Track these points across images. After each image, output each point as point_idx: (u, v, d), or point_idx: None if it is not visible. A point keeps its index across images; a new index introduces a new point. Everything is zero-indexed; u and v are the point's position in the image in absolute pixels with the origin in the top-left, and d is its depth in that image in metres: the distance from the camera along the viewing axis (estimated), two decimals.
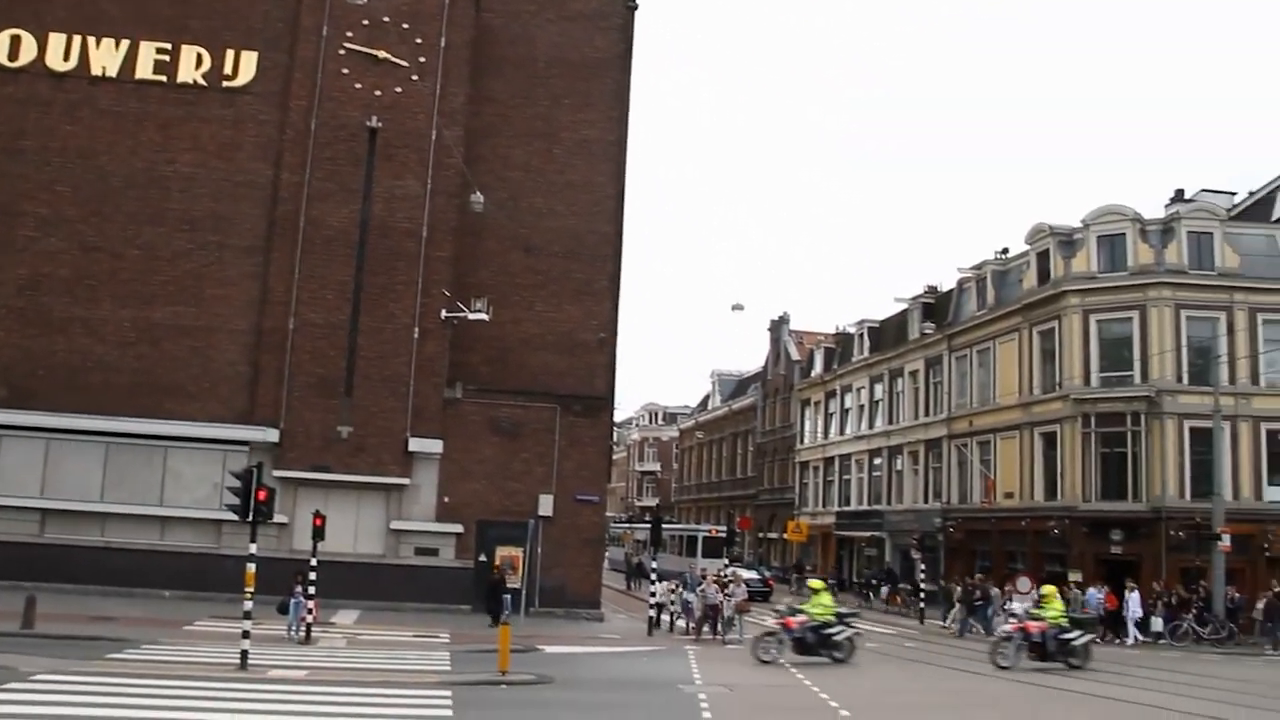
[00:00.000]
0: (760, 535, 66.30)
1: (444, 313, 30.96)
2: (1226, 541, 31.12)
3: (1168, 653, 28.91)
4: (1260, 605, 30.95)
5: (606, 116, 34.51)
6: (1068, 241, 37.75)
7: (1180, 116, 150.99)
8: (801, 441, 61.20)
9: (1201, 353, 34.95)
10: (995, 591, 33.95)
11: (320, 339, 30.44)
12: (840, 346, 58.98)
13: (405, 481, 30.54)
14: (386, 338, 30.68)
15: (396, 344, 30.67)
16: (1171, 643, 30.69)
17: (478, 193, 30.15)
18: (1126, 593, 31.93)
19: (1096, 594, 32.20)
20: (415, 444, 30.45)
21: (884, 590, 43.53)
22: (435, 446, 30.73)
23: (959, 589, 34.72)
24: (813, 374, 60.57)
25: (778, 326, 68.51)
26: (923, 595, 37.33)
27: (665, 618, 31.12)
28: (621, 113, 34.82)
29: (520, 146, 33.75)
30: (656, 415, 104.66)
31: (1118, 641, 31.04)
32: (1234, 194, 42.33)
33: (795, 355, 64.84)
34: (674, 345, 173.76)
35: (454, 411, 31.45)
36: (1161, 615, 31.54)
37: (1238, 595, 31.87)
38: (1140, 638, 31.19)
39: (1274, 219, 38.00)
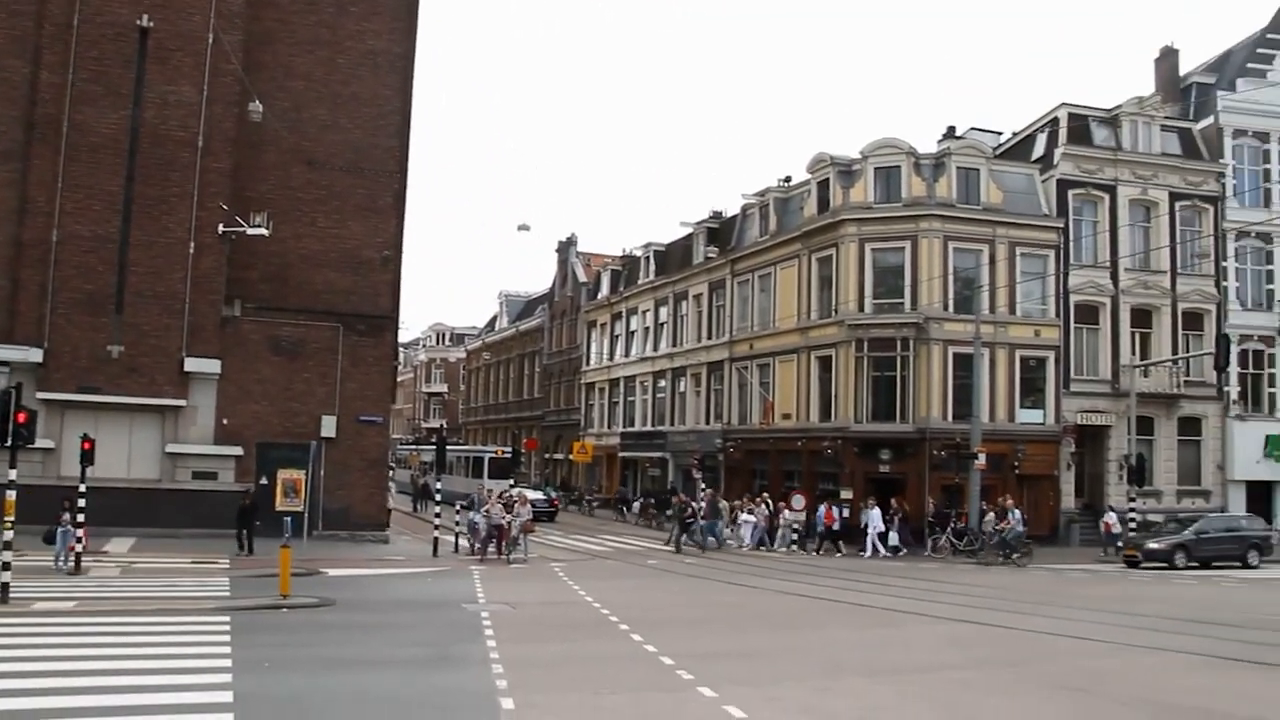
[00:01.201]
0: (547, 456, 68.45)
1: (221, 227, 30.88)
2: (982, 460, 34.79)
3: (925, 564, 32.54)
4: (989, 518, 35.09)
5: (393, 27, 34.67)
6: (847, 172, 40.66)
7: (956, 56, 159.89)
8: (588, 363, 63.33)
9: (966, 283, 38.54)
10: (723, 504, 38.07)
11: (88, 252, 29.91)
12: (626, 269, 61.03)
13: (181, 403, 30.59)
14: (160, 252, 30.41)
15: (171, 259, 30.46)
16: (930, 554, 34.59)
17: (256, 102, 30.09)
18: (866, 509, 35.44)
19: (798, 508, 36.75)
20: (192, 364, 30.50)
21: (635, 506, 47.67)
22: (213, 366, 30.87)
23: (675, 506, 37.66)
24: (599, 296, 62.57)
25: (565, 248, 70.02)
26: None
27: (450, 538, 32.61)
28: (409, 24, 35.02)
29: (303, 55, 33.58)
30: (444, 336, 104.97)
31: (862, 554, 34.41)
32: (1000, 134, 46.37)
33: (582, 277, 66.59)
34: (462, 265, 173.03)
35: (233, 330, 31.62)
36: (898, 530, 35.22)
37: (991, 510, 35.95)
38: (882, 551, 34.53)
39: (1034, 159, 42.01)
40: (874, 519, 34.95)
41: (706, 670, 12.95)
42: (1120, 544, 34.43)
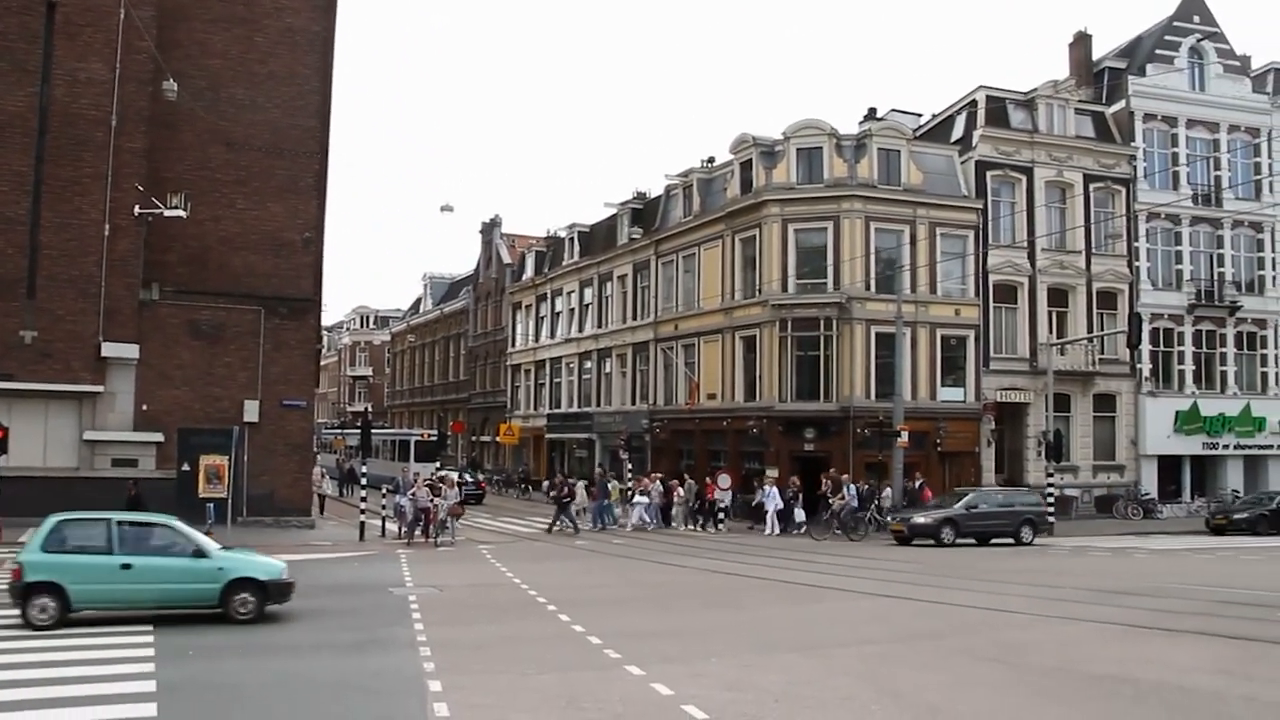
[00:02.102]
0: (474, 439, 68.22)
1: (137, 209, 30.18)
2: (905, 438, 35.41)
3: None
4: (885, 493, 35.85)
5: (312, 4, 34.08)
6: (769, 153, 40.93)
7: (877, 38, 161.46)
8: (513, 345, 63.13)
9: (888, 263, 39.08)
10: (614, 485, 38.50)
11: None
12: (551, 250, 60.86)
13: (99, 389, 29.96)
14: (73, 235, 29.69)
15: (85, 242, 29.75)
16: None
17: (171, 80, 29.39)
18: (767, 485, 35.66)
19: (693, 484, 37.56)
20: (109, 349, 29.87)
21: (545, 485, 48.42)
22: (131, 351, 30.28)
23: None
24: (524, 277, 62.35)
25: (489, 229, 69.62)
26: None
27: (377, 523, 32.45)
28: (329, 1, 34.55)
29: (219, 33, 32.94)
30: (368, 319, 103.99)
31: (762, 531, 34.74)
32: (920, 115, 47.00)
33: (507, 258, 66.32)
34: (385, 247, 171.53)
35: (151, 314, 31.03)
36: (801, 507, 35.53)
37: (915, 484, 36.60)
38: (779, 529, 34.63)
39: (953, 140, 42.64)
40: (773, 496, 34.99)
41: (634, 649, 13.05)
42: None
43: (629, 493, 38.32)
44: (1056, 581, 21.30)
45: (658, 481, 37.78)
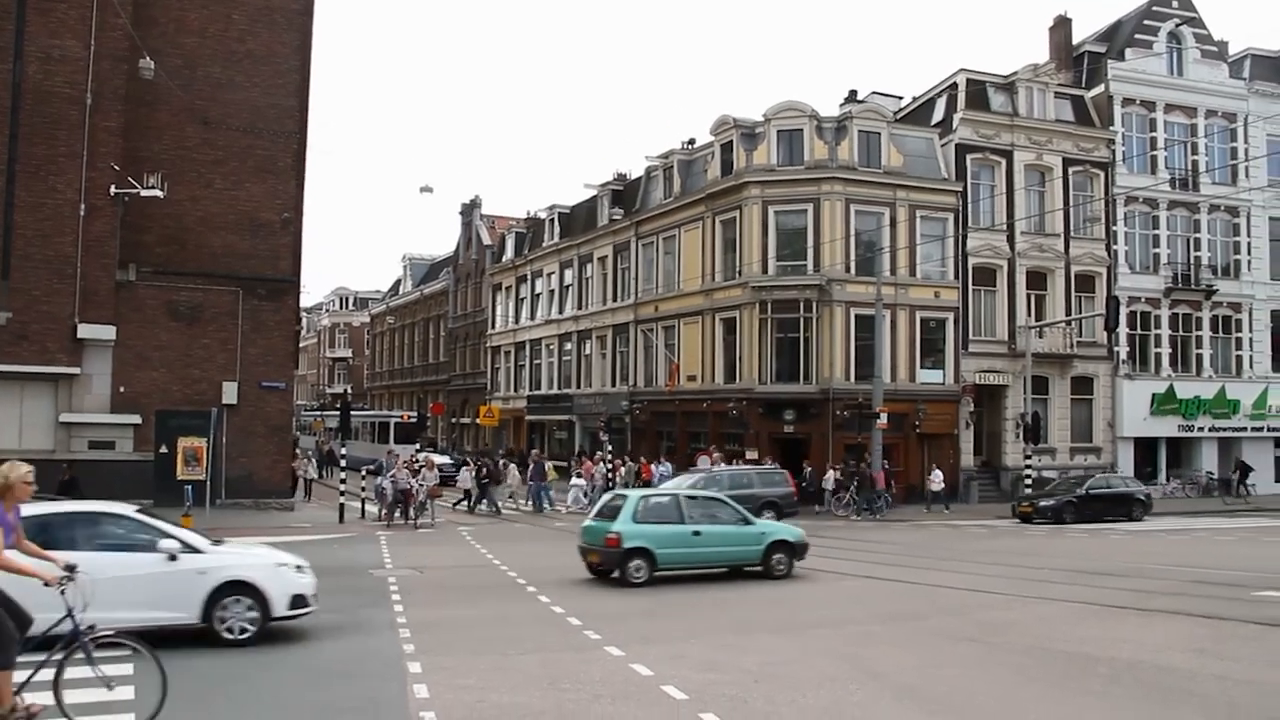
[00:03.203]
0: (454, 420, 68.15)
1: (113, 188, 29.93)
2: (884, 420, 35.61)
3: (826, 520, 33.17)
4: (830, 476, 36.11)
5: None
6: (750, 134, 40.91)
7: (858, 20, 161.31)
8: (493, 326, 63.03)
9: (867, 245, 39.17)
10: (549, 465, 38.47)
11: None
12: (531, 231, 60.74)
13: (75, 371, 29.73)
14: (48, 214, 29.39)
15: (60, 221, 29.46)
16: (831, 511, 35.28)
17: (147, 58, 29.17)
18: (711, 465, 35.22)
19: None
20: (85, 330, 29.64)
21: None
22: (108, 333, 30.05)
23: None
24: (504, 259, 62.22)
25: (469, 210, 69.41)
26: None
27: (356, 504, 32.44)
28: None
29: (195, 10, 32.61)
30: (347, 300, 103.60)
31: None
32: (900, 98, 47.04)
33: (487, 239, 66.16)
34: (364, 228, 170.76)
35: (128, 295, 30.80)
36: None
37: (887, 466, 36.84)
38: None
39: (933, 123, 42.70)
40: None
41: (613, 630, 13.08)
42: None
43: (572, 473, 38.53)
44: (1033, 562, 21.45)
45: (601, 464, 37.87)
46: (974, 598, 16.49)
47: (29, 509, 9.61)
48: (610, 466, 38.09)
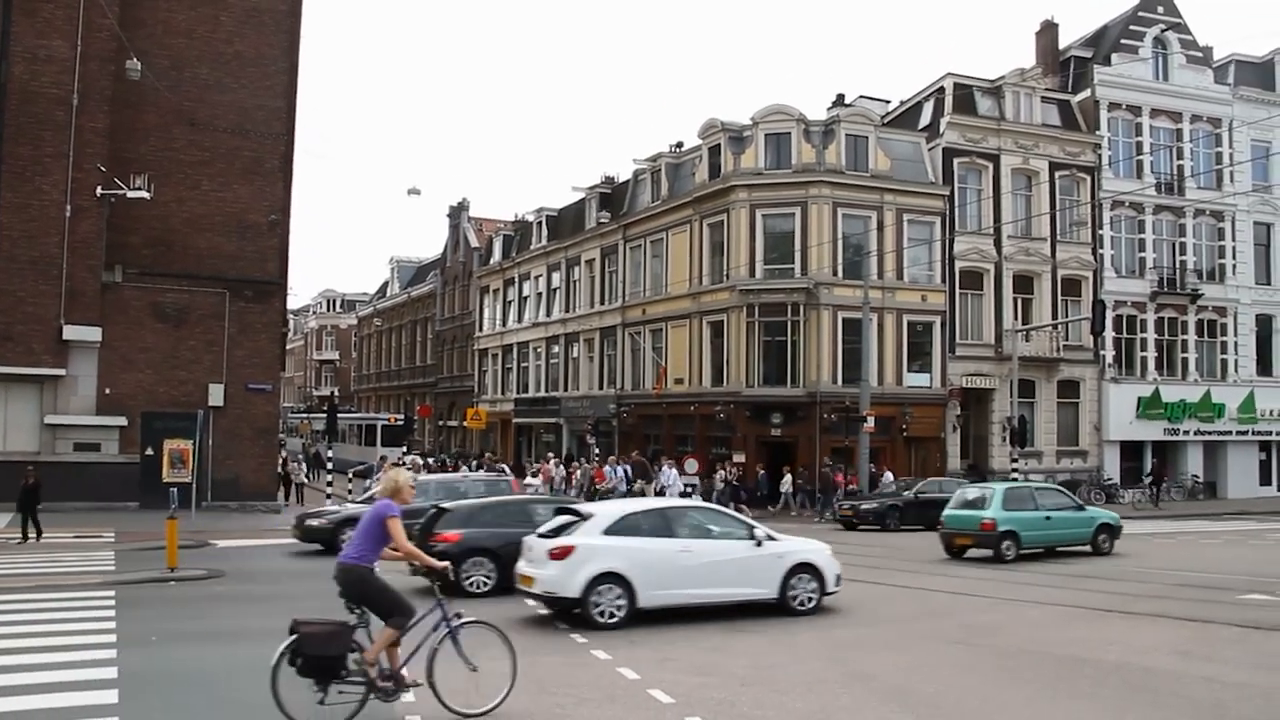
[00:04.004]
0: (441, 423, 68.01)
1: (100, 190, 29.95)
2: (871, 423, 35.61)
3: (814, 525, 33.08)
4: (787, 480, 36.23)
5: None
6: (738, 138, 40.90)
7: (846, 25, 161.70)
8: (480, 329, 62.92)
9: (855, 249, 39.14)
10: (504, 468, 37.56)
11: None
12: (519, 234, 60.59)
13: (61, 372, 29.69)
14: (34, 215, 29.37)
15: (46, 222, 29.44)
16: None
17: (134, 59, 29.13)
18: (665, 467, 34.88)
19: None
20: (71, 332, 29.59)
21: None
22: (94, 334, 30.00)
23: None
24: (492, 261, 62.10)
25: (457, 213, 69.28)
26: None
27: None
28: None
29: (183, 11, 32.70)
30: (335, 302, 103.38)
31: None
32: (888, 102, 47.11)
33: (474, 242, 66.04)
34: (352, 231, 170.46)
35: (114, 297, 30.74)
36: (701, 491, 35.64)
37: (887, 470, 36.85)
38: None
39: (920, 127, 42.77)
40: (671, 479, 34.02)
41: (601, 634, 13.02)
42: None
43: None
44: (1016, 565, 21.49)
45: (559, 466, 37.68)
46: (960, 600, 16.49)
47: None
48: (567, 470, 37.85)
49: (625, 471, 35.62)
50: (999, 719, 9.50)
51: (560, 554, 13.71)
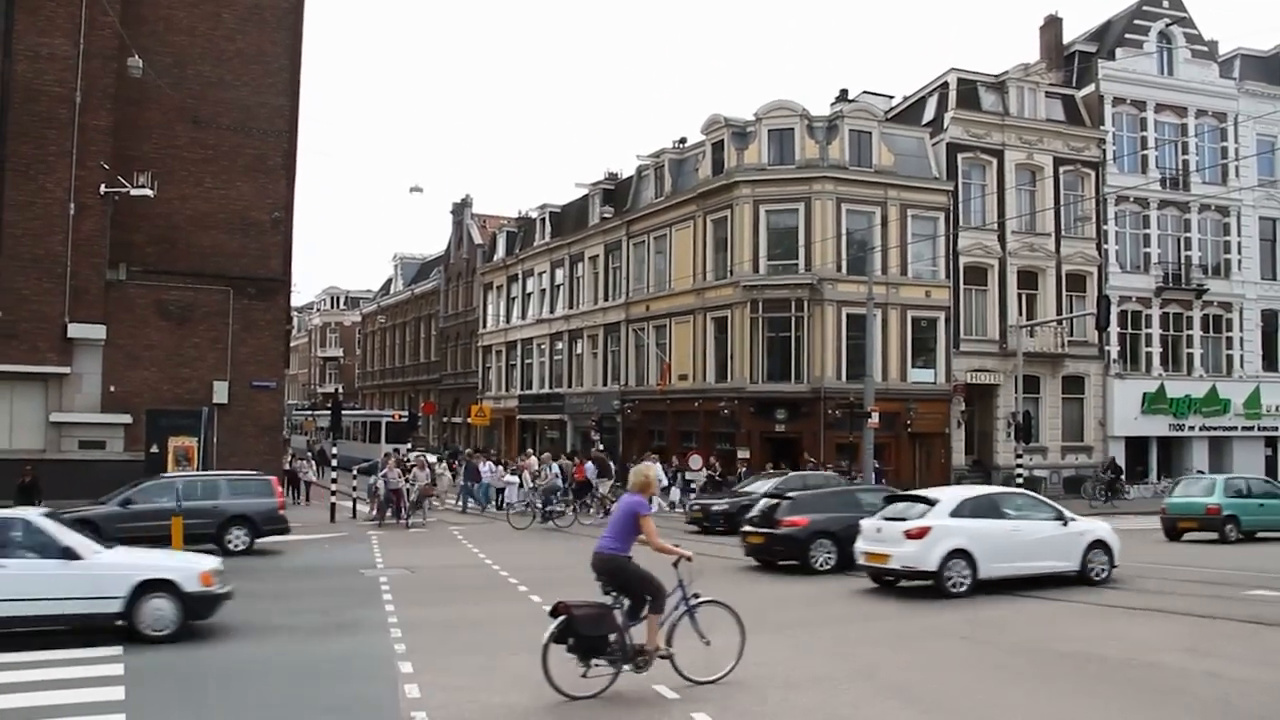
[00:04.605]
0: (445, 420, 68.05)
1: (103, 187, 29.88)
2: (875, 419, 35.51)
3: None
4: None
5: None
6: (741, 134, 40.89)
7: (849, 19, 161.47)
8: (484, 325, 62.97)
9: (859, 244, 39.16)
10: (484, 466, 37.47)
11: None
12: (522, 231, 60.62)
13: (65, 370, 29.67)
14: (38, 213, 29.36)
15: (50, 221, 29.43)
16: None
17: (136, 57, 29.04)
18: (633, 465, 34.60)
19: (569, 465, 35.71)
20: (75, 329, 29.59)
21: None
22: (98, 332, 30.00)
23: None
24: (495, 258, 62.16)
25: (460, 209, 69.33)
26: None
27: (348, 504, 32.35)
28: None
29: (185, 9, 32.59)
30: (338, 299, 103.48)
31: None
32: (891, 97, 47.06)
33: (478, 239, 66.07)
34: (355, 228, 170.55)
35: (118, 294, 30.76)
36: (679, 487, 35.76)
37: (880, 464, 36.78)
38: (663, 505, 33.85)
39: (924, 122, 42.73)
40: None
41: None
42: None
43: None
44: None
45: (535, 461, 37.37)
46: (966, 595, 16.48)
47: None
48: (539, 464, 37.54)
49: (561, 469, 34.00)
50: (1003, 715, 9.52)
51: (917, 534, 16.18)
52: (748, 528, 20.81)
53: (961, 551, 16.06)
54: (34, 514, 13.14)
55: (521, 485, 34.06)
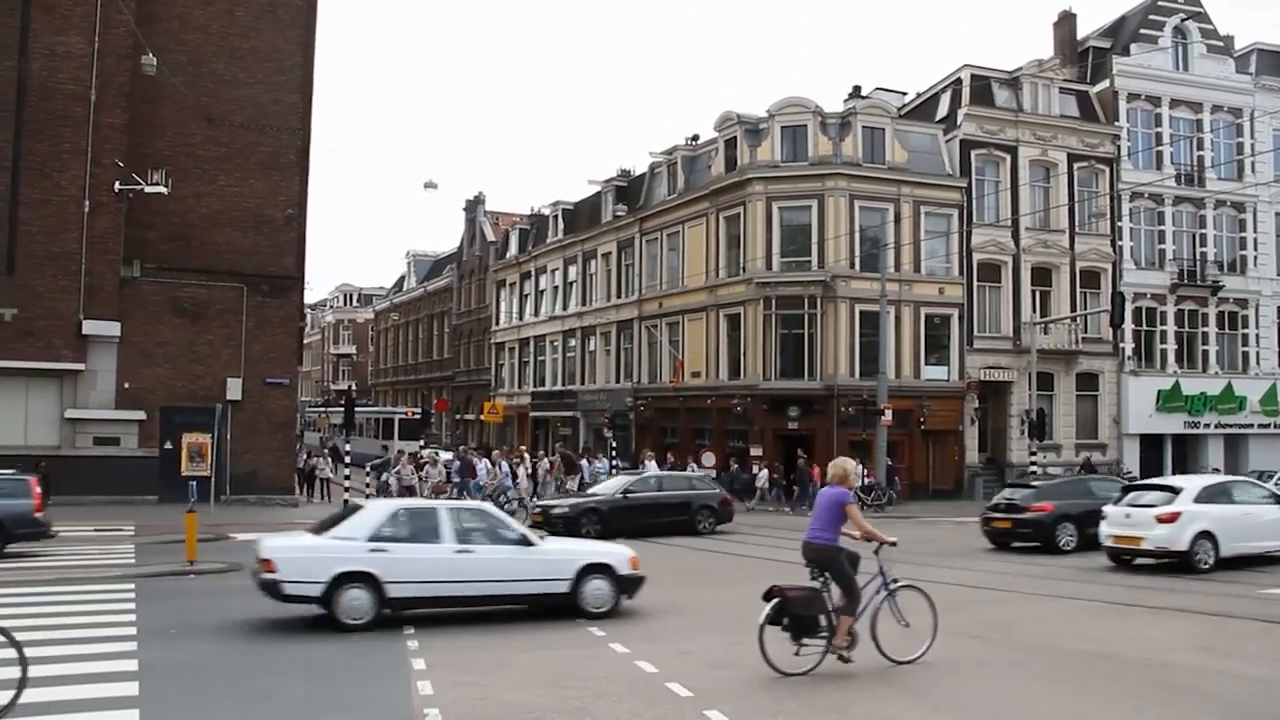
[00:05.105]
0: (458, 417, 68.10)
1: (118, 185, 30.09)
2: (888, 416, 35.52)
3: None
4: (763, 475, 36.03)
5: None
6: (754, 130, 40.83)
7: (862, 16, 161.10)
8: (497, 323, 63.00)
9: (872, 241, 39.09)
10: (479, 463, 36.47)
11: None
12: (535, 228, 60.63)
13: (80, 367, 29.86)
14: (53, 211, 29.55)
15: (65, 218, 29.62)
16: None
17: (150, 55, 29.23)
18: (586, 462, 34.97)
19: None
20: (90, 326, 29.76)
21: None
22: (113, 329, 30.15)
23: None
24: (508, 255, 62.17)
25: (473, 207, 69.34)
26: None
27: (361, 501, 32.29)
28: None
29: (199, 7, 32.80)
30: (351, 297, 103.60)
31: None
32: (905, 94, 46.94)
33: (491, 236, 66.09)
34: (368, 225, 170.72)
35: (132, 291, 30.90)
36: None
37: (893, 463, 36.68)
38: None
39: (937, 119, 42.59)
40: (603, 470, 33.23)
41: (618, 626, 13.03)
42: None
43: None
44: (1035, 559, 21.41)
45: (528, 457, 37.31)
46: (980, 594, 16.40)
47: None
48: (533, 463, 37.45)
49: (508, 467, 33.41)
50: (1018, 714, 9.47)
51: (1168, 519, 18.39)
52: (991, 514, 23.58)
53: (1207, 533, 18.35)
54: (491, 508, 15.43)
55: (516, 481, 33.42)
